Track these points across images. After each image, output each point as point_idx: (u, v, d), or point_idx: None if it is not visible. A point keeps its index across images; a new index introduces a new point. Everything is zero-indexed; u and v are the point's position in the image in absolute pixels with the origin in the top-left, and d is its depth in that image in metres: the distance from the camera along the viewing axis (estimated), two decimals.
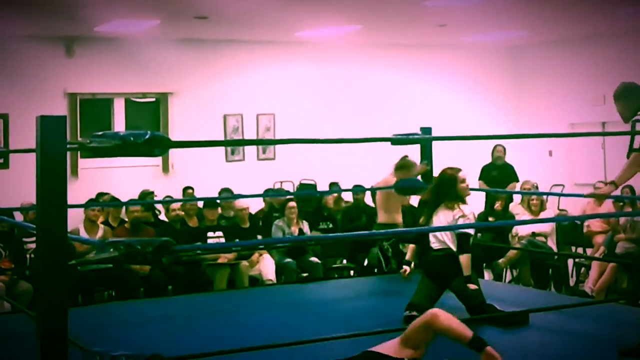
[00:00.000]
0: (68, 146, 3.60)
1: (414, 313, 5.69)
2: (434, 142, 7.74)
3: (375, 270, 8.14)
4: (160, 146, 3.71)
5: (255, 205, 10.62)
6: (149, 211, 9.68)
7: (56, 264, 3.51)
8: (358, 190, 10.05)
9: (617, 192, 10.88)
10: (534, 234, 9.46)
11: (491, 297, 6.84)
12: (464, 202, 5.90)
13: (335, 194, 10.74)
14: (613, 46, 13.04)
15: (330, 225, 9.99)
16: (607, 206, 9.69)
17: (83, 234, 8.62)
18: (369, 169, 11.99)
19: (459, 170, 6.01)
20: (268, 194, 10.40)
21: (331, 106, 13.00)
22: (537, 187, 11.18)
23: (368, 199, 10.28)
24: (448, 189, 5.92)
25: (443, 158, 8.84)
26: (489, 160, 12.10)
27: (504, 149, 11.99)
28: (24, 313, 5.13)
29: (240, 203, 9.47)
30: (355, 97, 13.26)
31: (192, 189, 11.27)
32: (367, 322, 5.85)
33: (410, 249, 6.58)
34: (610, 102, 14.33)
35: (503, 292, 7.27)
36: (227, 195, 10.60)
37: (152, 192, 10.71)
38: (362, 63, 13.30)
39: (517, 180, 11.70)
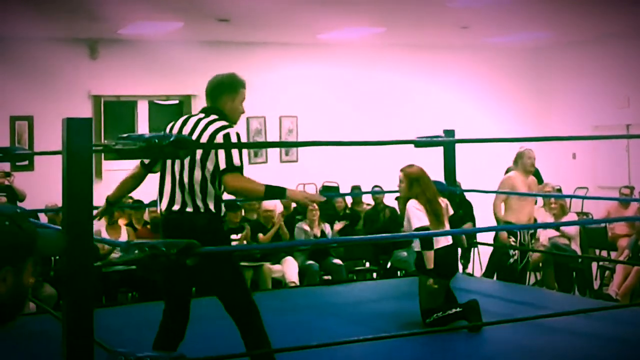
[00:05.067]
0: (93, 148, 3.62)
1: (438, 314, 5.70)
2: (457, 145, 7.70)
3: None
4: (185, 148, 3.73)
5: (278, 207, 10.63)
6: None
7: (82, 265, 3.53)
8: (378, 192, 10.03)
9: (636, 195, 10.86)
10: (558, 228, 9.34)
11: (514, 300, 6.83)
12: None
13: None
14: (637, 47, 12.93)
15: (348, 223, 9.96)
16: (632, 210, 9.62)
17: (104, 236, 8.66)
18: (391, 171, 11.98)
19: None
20: None
21: (354, 108, 12.99)
22: (560, 190, 11.11)
23: (387, 200, 10.25)
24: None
25: (466, 161, 8.83)
26: (511, 163, 12.01)
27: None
28: (50, 314, 5.17)
29: (267, 205, 9.47)
30: (378, 99, 13.25)
31: None
32: (390, 324, 5.85)
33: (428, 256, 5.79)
34: (635, 104, 14.20)
35: (527, 296, 7.24)
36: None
37: None
38: (385, 65, 13.28)
39: (542, 183, 11.61)
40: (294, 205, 10.46)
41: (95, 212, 4.37)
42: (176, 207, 4.12)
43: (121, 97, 12.02)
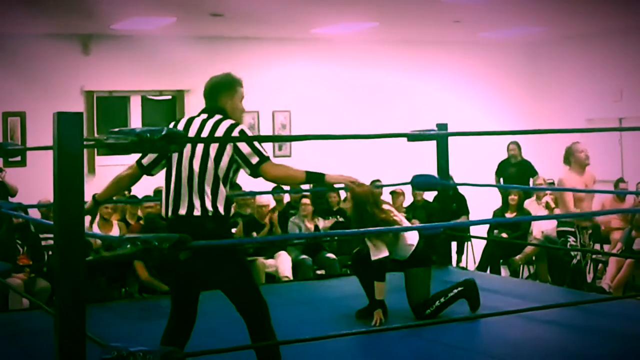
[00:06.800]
0: (85, 143, 3.62)
1: (436, 304, 5.75)
2: (450, 139, 7.70)
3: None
4: (177, 142, 3.72)
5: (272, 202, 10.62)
6: None
7: (74, 261, 3.52)
8: (377, 187, 10.02)
9: (632, 188, 10.89)
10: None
11: (508, 293, 6.84)
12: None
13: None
14: (630, 41, 12.95)
15: (341, 219, 9.94)
16: (628, 204, 9.65)
17: (96, 231, 8.64)
18: (385, 166, 12.00)
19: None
20: (277, 191, 10.37)
21: (347, 103, 12.98)
22: (553, 184, 11.13)
23: (383, 195, 10.26)
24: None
25: (459, 154, 8.83)
26: (504, 157, 12.02)
27: (518, 146, 11.83)
28: (43, 309, 5.16)
29: (261, 200, 9.46)
30: (372, 94, 13.24)
31: None
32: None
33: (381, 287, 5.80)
34: (628, 98, 14.21)
35: (520, 289, 7.26)
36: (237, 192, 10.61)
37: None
38: (378, 60, 13.27)
39: (535, 176, 11.60)
40: (286, 200, 10.47)
41: None
42: (183, 211, 4.05)
43: (114, 93, 11.99)
